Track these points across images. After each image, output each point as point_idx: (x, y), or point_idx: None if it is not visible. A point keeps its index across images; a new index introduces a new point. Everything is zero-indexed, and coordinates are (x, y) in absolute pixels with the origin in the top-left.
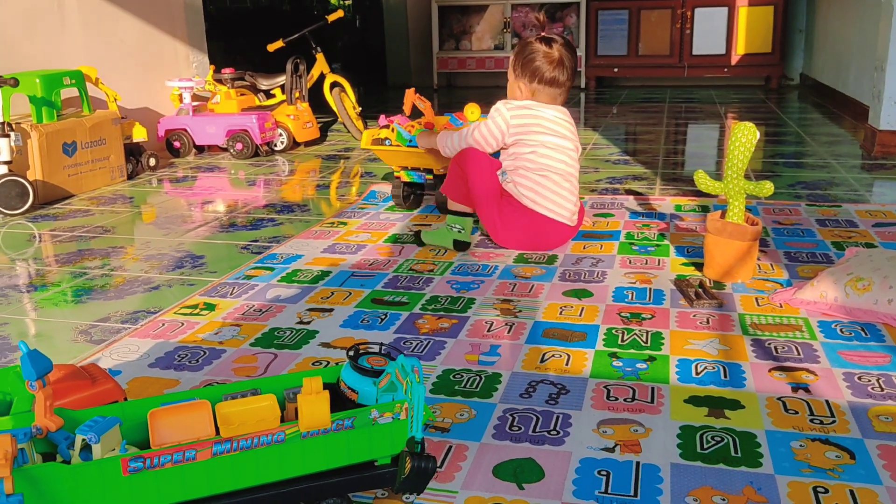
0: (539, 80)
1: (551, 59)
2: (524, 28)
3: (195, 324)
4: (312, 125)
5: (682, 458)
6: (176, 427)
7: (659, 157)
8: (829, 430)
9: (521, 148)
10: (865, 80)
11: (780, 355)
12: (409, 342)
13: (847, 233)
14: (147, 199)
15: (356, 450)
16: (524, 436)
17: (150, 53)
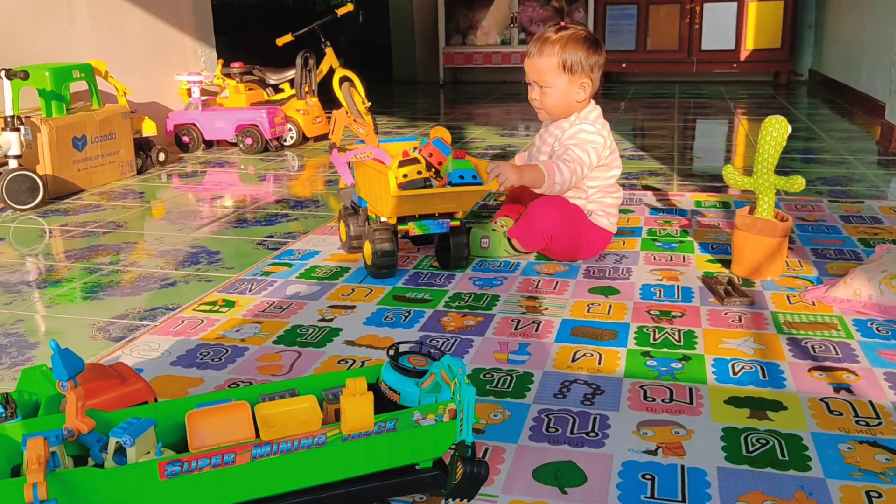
0: (600, 71)
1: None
2: (531, 23)
3: (215, 321)
4: (322, 120)
5: (728, 462)
6: (215, 429)
7: (673, 153)
8: (876, 431)
9: (603, 171)
10: (879, 76)
11: (818, 354)
12: (434, 340)
13: (873, 229)
14: (157, 194)
15: (398, 453)
16: (562, 437)
17: (159, 47)
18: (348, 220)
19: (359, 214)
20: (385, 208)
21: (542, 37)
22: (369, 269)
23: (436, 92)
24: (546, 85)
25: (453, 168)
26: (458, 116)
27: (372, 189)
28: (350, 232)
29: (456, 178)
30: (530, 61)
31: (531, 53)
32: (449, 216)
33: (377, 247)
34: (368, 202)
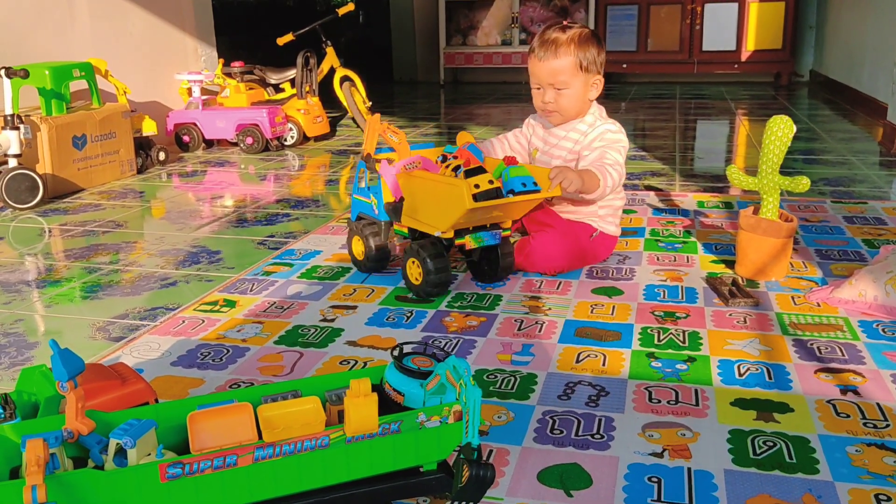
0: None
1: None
2: (532, 23)
3: (216, 321)
4: (322, 120)
5: (735, 465)
6: (217, 431)
7: (675, 153)
8: (884, 434)
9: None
10: (881, 77)
11: (824, 356)
12: (437, 341)
13: (877, 230)
14: (158, 193)
15: (402, 455)
16: (567, 439)
17: (159, 46)
18: (367, 235)
19: (381, 229)
20: (446, 221)
21: (550, 38)
22: (416, 289)
23: (436, 92)
24: (563, 86)
25: (512, 175)
26: (458, 117)
27: (427, 202)
28: (370, 249)
29: (519, 186)
30: (544, 63)
31: (542, 56)
32: (497, 226)
33: (432, 264)
34: (419, 216)
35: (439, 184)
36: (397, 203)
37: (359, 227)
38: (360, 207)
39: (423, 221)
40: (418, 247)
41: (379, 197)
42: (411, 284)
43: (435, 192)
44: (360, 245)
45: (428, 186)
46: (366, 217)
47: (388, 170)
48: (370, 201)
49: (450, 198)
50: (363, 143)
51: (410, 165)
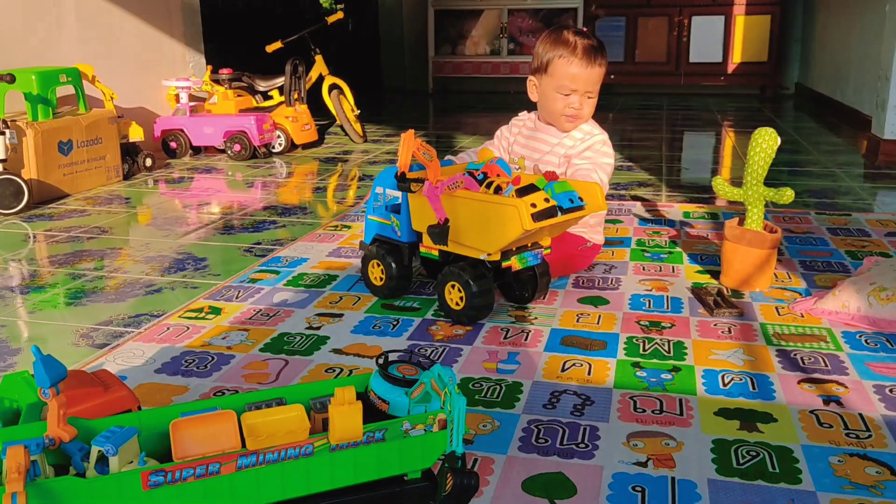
0: None
1: None
2: (520, 33)
3: (201, 328)
4: (311, 127)
5: (719, 474)
6: (200, 438)
7: (662, 164)
8: (867, 444)
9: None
10: (865, 90)
11: (808, 366)
12: (423, 349)
13: (860, 242)
14: (144, 199)
15: (386, 464)
16: (552, 448)
17: (147, 52)
18: (388, 259)
19: (402, 252)
20: (495, 244)
21: (588, 44)
22: (456, 314)
23: (425, 100)
24: (593, 94)
25: (558, 191)
26: (447, 125)
27: (472, 224)
28: (392, 274)
29: (566, 203)
30: (589, 70)
31: (587, 62)
32: (538, 245)
33: (476, 286)
34: (461, 239)
35: (491, 204)
36: (443, 226)
37: (376, 251)
38: (377, 229)
39: (467, 244)
40: (459, 270)
41: (402, 218)
42: (450, 310)
43: (483, 213)
44: (378, 269)
45: (475, 207)
46: (384, 239)
47: (434, 192)
48: (390, 223)
49: (503, 219)
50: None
51: (454, 185)
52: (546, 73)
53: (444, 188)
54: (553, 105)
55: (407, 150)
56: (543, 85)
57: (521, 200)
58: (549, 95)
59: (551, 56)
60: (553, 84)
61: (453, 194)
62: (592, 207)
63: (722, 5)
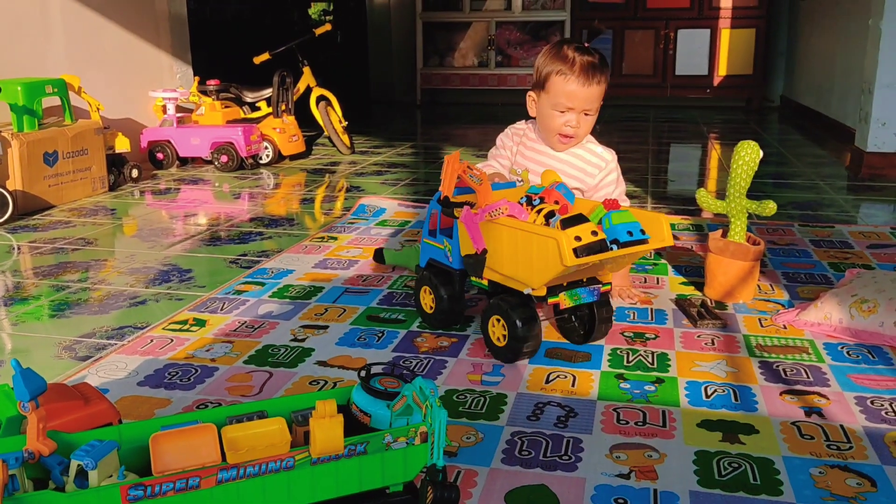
0: None
1: None
2: (508, 45)
3: (185, 340)
4: (298, 138)
5: (701, 486)
6: (180, 452)
7: (648, 176)
8: (848, 456)
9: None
10: (850, 103)
11: (790, 378)
12: (408, 361)
13: (843, 254)
14: (129, 210)
15: (368, 476)
16: (535, 461)
17: (134, 63)
18: (438, 286)
19: (454, 279)
20: (538, 278)
21: (589, 62)
22: (498, 352)
23: (413, 112)
24: (591, 112)
25: (615, 222)
26: (434, 137)
27: (515, 255)
28: (442, 302)
29: (624, 236)
30: (587, 88)
31: (586, 80)
32: (596, 281)
33: (522, 330)
34: (505, 271)
35: (532, 235)
36: (479, 256)
37: (428, 276)
38: (430, 252)
39: (510, 277)
40: (507, 306)
41: (454, 243)
42: (492, 345)
43: (526, 244)
44: (429, 297)
45: (517, 238)
46: (437, 264)
47: (472, 218)
48: (443, 247)
49: (545, 252)
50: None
51: (496, 212)
52: (544, 89)
53: (485, 214)
54: (549, 122)
55: (451, 172)
56: (541, 101)
57: (563, 233)
58: (545, 112)
59: (549, 72)
60: (550, 101)
61: (495, 221)
62: (657, 241)
63: (707, 18)
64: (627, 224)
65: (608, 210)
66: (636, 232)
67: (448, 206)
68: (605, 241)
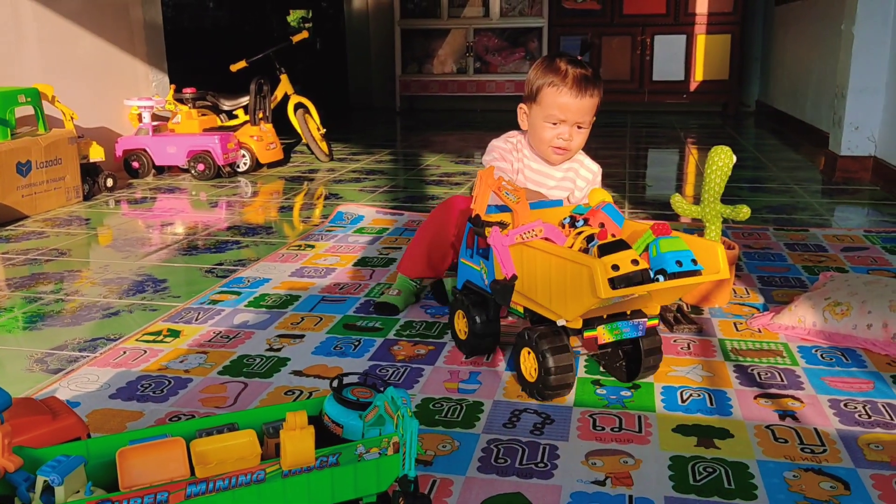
0: None
1: None
2: (486, 52)
3: (158, 351)
4: (276, 146)
5: (675, 491)
6: (148, 467)
7: (625, 181)
8: (821, 459)
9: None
10: (823, 107)
11: (764, 381)
12: (384, 370)
13: (817, 257)
14: (104, 220)
15: (340, 488)
16: (511, 469)
17: (109, 72)
18: (472, 311)
19: (489, 304)
20: (572, 309)
21: (582, 74)
22: (530, 388)
23: (392, 119)
24: (584, 125)
25: (664, 250)
26: (413, 143)
27: (548, 281)
28: (475, 327)
29: (672, 266)
30: (580, 101)
31: (579, 93)
32: (641, 313)
33: (553, 362)
34: (538, 298)
35: (565, 262)
36: (507, 282)
37: (462, 300)
38: (467, 274)
39: (543, 305)
40: (537, 337)
41: (489, 265)
42: (524, 380)
43: (559, 271)
44: (462, 322)
45: (550, 264)
46: (473, 287)
47: (501, 240)
48: (479, 268)
49: (578, 281)
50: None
51: (528, 234)
52: (535, 101)
53: (516, 237)
54: (541, 134)
55: (484, 189)
56: (533, 114)
57: (598, 261)
58: (537, 125)
59: (541, 84)
60: (542, 113)
61: (527, 246)
62: (711, 273)
63: (683, 24)
64: (677, 253)
65: (657, 235)
66: (686, 262)
67: (479, 226)
68: (647, 272)
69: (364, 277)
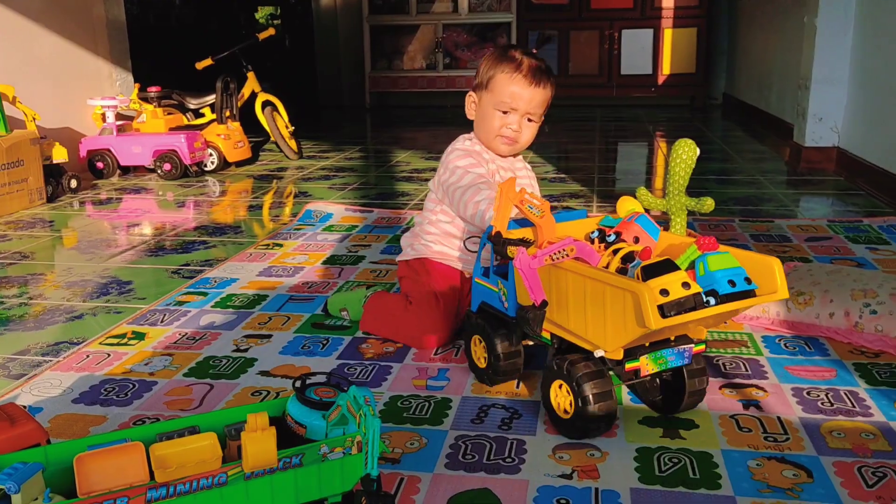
0: None
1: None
2: (456, 48)
3: (123, 354)
4: (244, 145)
5: (641, 483)
6: (106, 472)
7: (594, 175)
8: (784, 447)
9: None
10: (788, 99)
11: (729, 372)
12: (353, 368)
13: (781, 247)
14: (68, 222)
15: (304, 489)
16: (478, 464)
17: (71, 71)
18: (493, 336)
19: (514, 330)
20: (613, 339)
21: (533, 63)
22: (563, 426)
23: (362, 116)
24: (535, 119)
25: (713, 268)
26: (383, 140)
27: (582, 308)
28: (496, 352)
29: (725, 286)
30: (535, 90)
31: (535, 82)
32: (687, 339)
33: (596, 401)
34: (571, 326)
35: (604, 286)
36: (538, 309)
37: (481, 324)
38: (483, 295)
39: (578, 335)
40: (569, 366)
41: (509, 286)
42: (556, 416)
43: (596, 296)
44: (480, 347)
45: (585, 287)
46: (491, 310)
47: (528, 262)
48: (497, 289)
49: (621, 309)
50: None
51: (558, 254)
52: (487, 88)
53: (545, 258)
54: (489, 122)
55: (505, 203)
56: (483, 101)
57: (645, 285)
58: (487, 112)
59: (494, 72)
60: (493, 100)
61: (559, 267)
62: (768, 293)
63: (650, 18)
64: (729, 271)
65: (703, 252)
66: (739, 281)
67: (501, 245)
68: (700, 296)
69: (333, 276)
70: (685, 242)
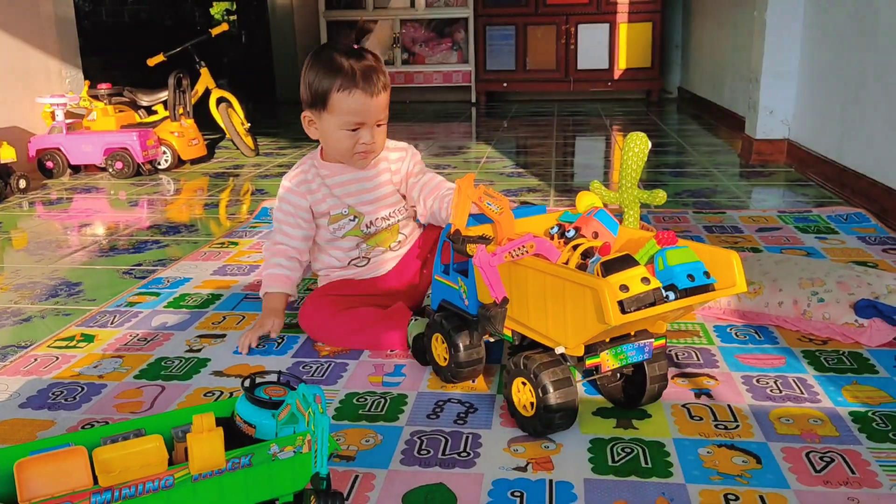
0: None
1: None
2: (414, 44)
3: (71, 357)
4: (199, 142)
5: (594, 473)
6: (47, 478)
7: (551, 170)
8: (734, 434)
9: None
10: (740, 92)
11: (682, 361)
12: (308, 366)
13: (733, 238)
14: (18, 223)
15: (255, 489)
16: (433, 459)
17: (19, 69)
18: (453, 334)
19: (475, 328)
20: (575, 336)
21: (367, 66)
22: (525, 423)
23: None
24: (383, 121)
25: (671, 262)
26: None
27: (543, 305)
28: (458, 354)
29: (684, 280)
30: (375, 100)
31: (373, 90)
32: (647, 334)
33: (556, 388)
34: (531, 324)
35: (563, 282)
36: (499, 307)
37: (440, 321)
38: (443, 293)
39: (539, 332)
40: (526, 360)
41: (469, 283)
42: (517, 413)
43: (556, 292)
44: (442, 346)
45: (545, 283)
46: (452, 308)
47: (488, 260)
48: (457, 287)
49: (582, 305)
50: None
51: (518, 251)
52: (325, 109)
53: (504, 255)
54: (341, 144)
55: (464, 201)
56: (324, 123)
57: (605, 281)
58: (333, 135)
59: (327, 88)
60: (337, 122)
61: (518, 264)
62: (726, 286)
63: (606, 13)
64: (687, 266)
65: (662, 246)
66: (698, 275)
67: (459, 242)
68: (660, 291)
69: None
70: (644, 237)
